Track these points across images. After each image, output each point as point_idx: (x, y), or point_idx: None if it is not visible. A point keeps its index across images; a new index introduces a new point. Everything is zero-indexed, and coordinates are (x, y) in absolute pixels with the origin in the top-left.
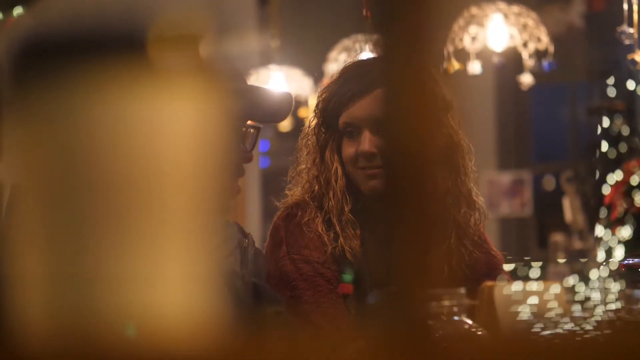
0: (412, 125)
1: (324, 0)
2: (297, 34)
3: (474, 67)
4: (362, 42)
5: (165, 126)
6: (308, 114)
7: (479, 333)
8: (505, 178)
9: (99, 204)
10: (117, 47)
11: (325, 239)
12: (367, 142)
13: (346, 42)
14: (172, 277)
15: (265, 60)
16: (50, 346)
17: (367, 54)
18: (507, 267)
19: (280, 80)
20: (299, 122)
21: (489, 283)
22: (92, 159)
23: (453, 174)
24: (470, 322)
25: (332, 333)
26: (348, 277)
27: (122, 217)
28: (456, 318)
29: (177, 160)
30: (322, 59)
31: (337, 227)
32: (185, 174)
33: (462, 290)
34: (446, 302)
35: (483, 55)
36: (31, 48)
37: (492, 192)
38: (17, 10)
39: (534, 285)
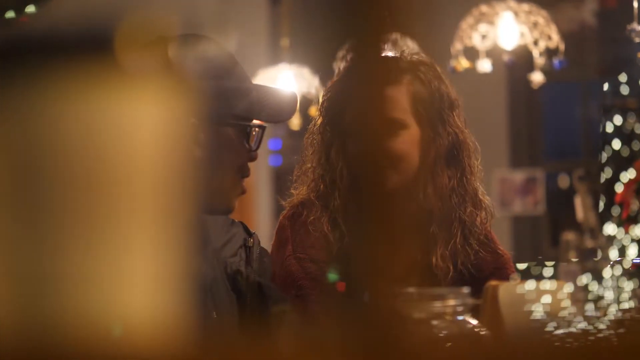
0: (372, 127)
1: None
2: (307, 33)
3: (484, 65)
4: None
5: (133, 127)
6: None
7: (482, 333)
8: (518, 176)
9: (66, 205)
10: (85, 48)
11: (331, 239)
12: None
13: None
14: (137, 278)
15: (276, 59)
16: (11, 346)
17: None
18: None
19: (289, 79)
20: (309, 121)
21: (493, 282)
22: (59, 160)
23: (459, 173)
24: (473, 321)
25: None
26: (333, 276)
27: (88, 217)
28: (460, 318)
29: (145, 161)
30: (332, 57)
31: (343, 227)
32: (152, 174)
33: (466, 290)
34: (450, 302)
35: (494, 53)
36: None
37: (505, 190)
38: (30, 9)
39: (547, 284)
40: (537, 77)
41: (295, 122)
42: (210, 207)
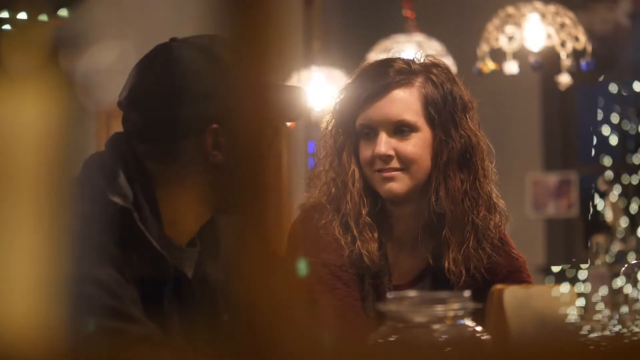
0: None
1: (365, 1)
2: (338, 35)
3: (511, 67)
4: (402, 42)
5: (10, 125)
6: None
7: (483, 337)
8: (551, 179)
9: None
10: None
11: (342, 242)
12: (382, 144)
13: (386, 42)
14: (16, 280)
15: (308, 60)
16: None
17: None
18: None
19: (321, 81)
20: None
21: (498, 286)
22: None
23: (471, 176)
24: (473, 325)
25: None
26: None
27: None
28: (461, 322)
29: (26, 163)
30: (362, 59)
31: (355, 230)
32: (32, 177)
33: (467, 294)
34: (450, 306)
35: (521, 55)
36: None
37: (538, 192)
38: (62, 12)
39: (581, 287)
40: (564, 79)
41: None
42: (228, 210)
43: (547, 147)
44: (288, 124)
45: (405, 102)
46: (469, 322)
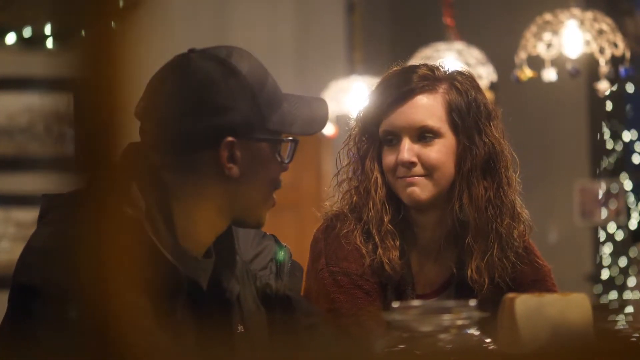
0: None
1: (405, 10)
2: (379, 44)
3: (549, 75)
4: (443, 50)
5: None
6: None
7: (489, 347)
8: (599, 186)
9: None
10: None
11: (364, 251)
12: (405, 150)
13: (426, 51)
14: None
15: (349, 69)
16: None
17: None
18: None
19: (362, 90)
20: None
21: (510, 295)
22: None
23: (495, 184)
24: (479, 335)
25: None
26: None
27: None
28: (466, 331)
29: None
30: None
31: (376, 238)
32: None
33: (472, 303)
34: (456, 315)
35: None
36: None
37: (586, 200)
38: None
39: (629, 294)
40: (602, 86)
41: None
42: (242, 221)
43: (595, 155)
44: (328, 134)
45: (428, 108)
46: (474, 332)
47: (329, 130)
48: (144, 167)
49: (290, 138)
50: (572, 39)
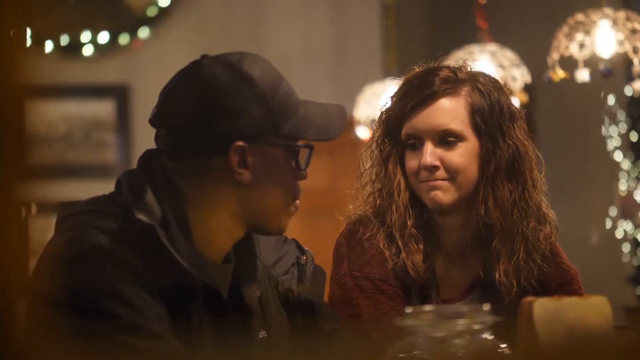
0: None
1: (439, 12)
2: (413, 46)
3: (583, 75)
4: (476, 52)
5: None
6: None
7: (504, 351)
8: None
9: None
10: None
11: (387, 255)
12: (428, 154)
13: (460, 53)
14: None
15: (384, 73)
16: None
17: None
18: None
19: None
20: None
21: (528, 298)
22: None
23: (520, 187)
24: (493, 339)
25: None
26: None
27: None
28: (480, 336)
29: None
30: None
31: (400, 242)
32: None
33: (486, 307)
34: (469, 320)
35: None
36: None
37: (626, 202)
38: (142, 33)
39: None
40: (637, 86)
41: None
42: (259, 228)
43: (636, 156)
44: (364, 137)
45: (451, 111)
46: (488, 336)
47: (364, 134)
48: (160, 174)
49: (305, 145)
50: (604, 38)
